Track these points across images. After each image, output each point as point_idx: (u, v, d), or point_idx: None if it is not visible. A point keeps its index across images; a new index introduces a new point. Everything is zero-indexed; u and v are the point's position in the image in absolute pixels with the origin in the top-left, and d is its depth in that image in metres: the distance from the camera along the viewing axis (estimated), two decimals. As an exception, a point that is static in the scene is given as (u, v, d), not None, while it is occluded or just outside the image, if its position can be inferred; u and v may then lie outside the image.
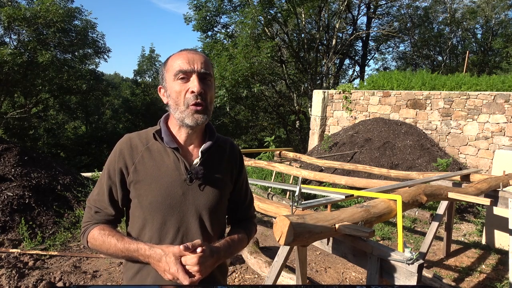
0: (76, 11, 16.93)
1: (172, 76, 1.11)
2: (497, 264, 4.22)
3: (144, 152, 1.15)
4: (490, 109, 7.60)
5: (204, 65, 1.11)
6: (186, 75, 1.09)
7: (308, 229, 1.63)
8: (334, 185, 6.18)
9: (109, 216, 1.17)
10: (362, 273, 3.80)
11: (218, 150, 1.23)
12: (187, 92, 1.09)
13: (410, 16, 22.26)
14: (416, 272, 1.59)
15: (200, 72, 1.10)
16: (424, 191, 2.59)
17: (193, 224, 1.13)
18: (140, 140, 1.17)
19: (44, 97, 19.01)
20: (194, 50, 1.15)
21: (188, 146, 1.19)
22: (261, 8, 15.40)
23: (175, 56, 1.14)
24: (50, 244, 4.03)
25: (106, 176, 1.16)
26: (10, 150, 5.07)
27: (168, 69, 1.13)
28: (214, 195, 1.17)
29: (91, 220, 1.17)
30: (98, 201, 1.17)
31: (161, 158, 1.15)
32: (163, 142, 1.15)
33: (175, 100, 1.11)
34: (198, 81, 1.09)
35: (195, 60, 1.10)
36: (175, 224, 1.12)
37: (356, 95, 9.80)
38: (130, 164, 1.14)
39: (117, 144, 1.19)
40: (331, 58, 18.42)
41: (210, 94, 1.13)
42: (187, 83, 1.10)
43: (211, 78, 1.14)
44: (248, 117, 22.55)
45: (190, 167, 1.14)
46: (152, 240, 1.10)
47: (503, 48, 20.56)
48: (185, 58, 1.11)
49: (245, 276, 3.58)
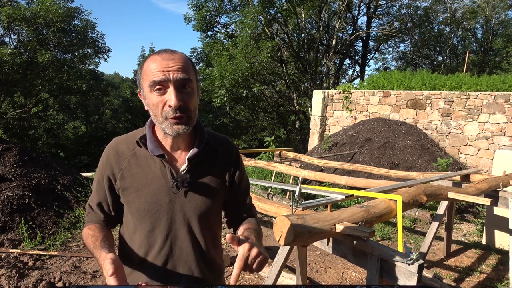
0: (76, 11, 16.92)
1: (147, 87, 1.02)
2: (497, 264, 4.21)
3: (131, 158, 1.12)
4: (490, 109, 7.60)
5: (181, 70, 1.00)
6: (162, 85, 1.00)
7: (308, 229, 1.63)
8: (334, 185, 6.18)
9: (100, 218, 1.18)
10: (362, 273, 3.80)
11: (209, 153, 1.17)
12: (165, 105, 1.01)
13: (410, 16, 22.26)
14: (416, 272, 1.59)
15: (176, 80, 0.99)
16: (424, 191, 2.59)
17: (181, 231, 1.11)
18: (127, 145, 1.14)
19: (44, 97, 19.01)
20: (171, 52, 1.04)
21: (175, 151, 1.14)
22: (261, 8, 15.40)
23: (150, 60, 1.03)
24: (50, 244, 4.03)
25: (96, 181, 1.17)
26: (10, 150, 5.07)
27: (144, 77, 1.04)
28: (203, 201, 1.13)
29: (87, 219, 1.20)
30: (92, 201, 1.19)
31: (147, 164, 1.11)
32: (148, 150, 1.10)
33: (154, 111, 1.04)
34: (175, 93, 0.99)
35: (169, 67, 0.99)
36: (163, 231, 1.10)
37: (356, 95, 9.79)
38: (117, 171, 1.12)
39: (105, 150, 1.17)
40: (331, 58, 18.42)
41: (192, 102, 1.04)
42: (164, 94, 1.01)
43: (190, 83, 1.03)
44: (248, 117, 22.55)
45: (177, 175, 1.10)
46: (142, 246, 1.11)
47: (503, 48, 20.57)
48: (159, 66, 1.00)
49: (245, 276, 3.57)
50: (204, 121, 18.40)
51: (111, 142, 1.18)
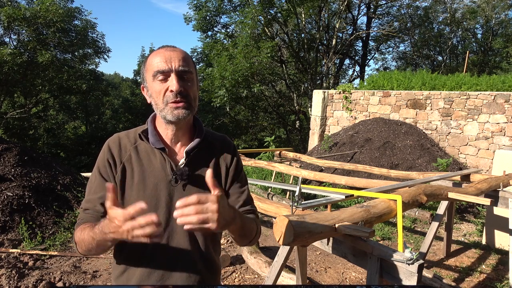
0: (76, 11, 16.91)
1: (151, 76, 1.10)
2: (497, 264, 4.22)
3: (132, 151, 1.15)
4: (490, 109, 7.60)
5: (182, 62, 1.09)
6: (164, 75, 1.08)
7: (308, 229, 1.63)
8: (334, 185, 6.18)
9: (98, 213, 1.11)
10: (362, 273, 3.80)
11: (207, 148, 1.21)
12: (167, 91, 1.08)
13: (410, 16, 22.26)
14: (416, 272, 1.59)
15: (178, 70, 1.08)
16: (424, 191, 2.59)
17: (179, 226, 1.06)
18: (129, 139, 1.17)
19: (44, 97, 19.00)
20: (173, 47, 1.13)
21: (175, 145, 1.18)
22: (261, 8, 15.40)
23: (153, 55, 1.12)
24: (50, 244, 4.03)
25: (97, 172, 1.14)
26: (10, 150, 5.07)
27: (147, 69, 1.12)
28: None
29: (79, 222, 1.11)
30: (88, 201, 1.14)
31: (148, 158, 1.14)
32: (149, 143, 1.14)
33: (156, 100, 1.11)
34: (177, 80, 1.07)
35: (172, 58, 1.08)
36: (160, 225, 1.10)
37: (356, 95, 9.80)
38: (118, 161, 1.13)
39: (106, 142, 1.18)
40: (331, 58, 18.42)
41: (192, 90, 1.11)
42: (166, 82, 1.08)
43: (191, 74, 1.12)
44: (248, 117, 22.54)
45: (176, 168, 1.13)
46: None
47: (503, 48, 20.57)
48: (162, 57, 1.09)
49: (245, 276, 3.58)
50: (204, 121, 18.38)
51: (112, 136, 1.20)
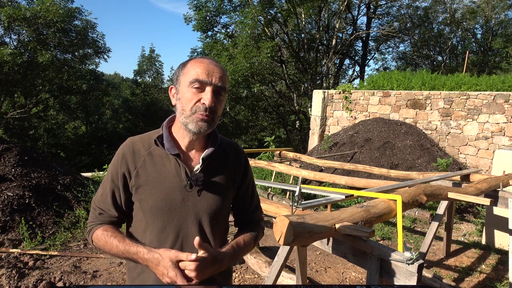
0: (76, 11, 16.92)
1: (187, 82, 1.11)
2: (497, 264, 4.22)
3: (146, 157, 1.16)
4: (490, 109, 7.60)
5: (221, 79, 1.11)
6: (201, 86, 1.10)
7: (308, 229, 1.63)
8: (334, 185, 6.18)
9: (112, 218, 1.19)
10: (362, 273, 3.80)
11: (221, 155, 1.23)
12: (198, 101, 1.10)
13: (410, 16, 22.26)
14: (416, 272, 1.59)
15: (216, 85, 1.10)
16: (424, 191, 2.59)
17: (192, 229, 1.14)
18: (143, 145, 1.19)
19: (44, 97, 19.01)
20: (216, 62, 1.15)
21: (190, 151, 1.20)
22: (261, 8, 15.41)
23: (196, 62, 1.13)
24: (50, 244, 4.03)
25: (110, 179, 1.17)
26: (10, 150, 5.07)
27: (185, 73, 1.13)
28: (214, 201, 1.17)
29: (95, 221, 1.20)
30: (102, 203, 1.19)
31: (162, 163, 1.16)
32: (164, 149, 1.15)
33: (183, 106, 1.11)
34: (212, 95, 1.09)
35: (214, 73, 1.11)
36: (174, 229, 1.13)
37: (356, 95, 9.80)
38: (132, 168, 1.15)
39: (120, 148, 1.20)
40: (331, 58, 18.43)
41: (219, 108, 1.14)
42: (200, 93, 1.10)
43: (224, 93, 1.15)
44: (248, 117, 22.55)
45: (191, 174, 1.15)
46: (152, 244, 1.12)
47: (503, 48, 20.56)
48: (205, 68, 1.11)
49: (245, 276, 3.58)
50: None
51: (126, 141, 1.21)
